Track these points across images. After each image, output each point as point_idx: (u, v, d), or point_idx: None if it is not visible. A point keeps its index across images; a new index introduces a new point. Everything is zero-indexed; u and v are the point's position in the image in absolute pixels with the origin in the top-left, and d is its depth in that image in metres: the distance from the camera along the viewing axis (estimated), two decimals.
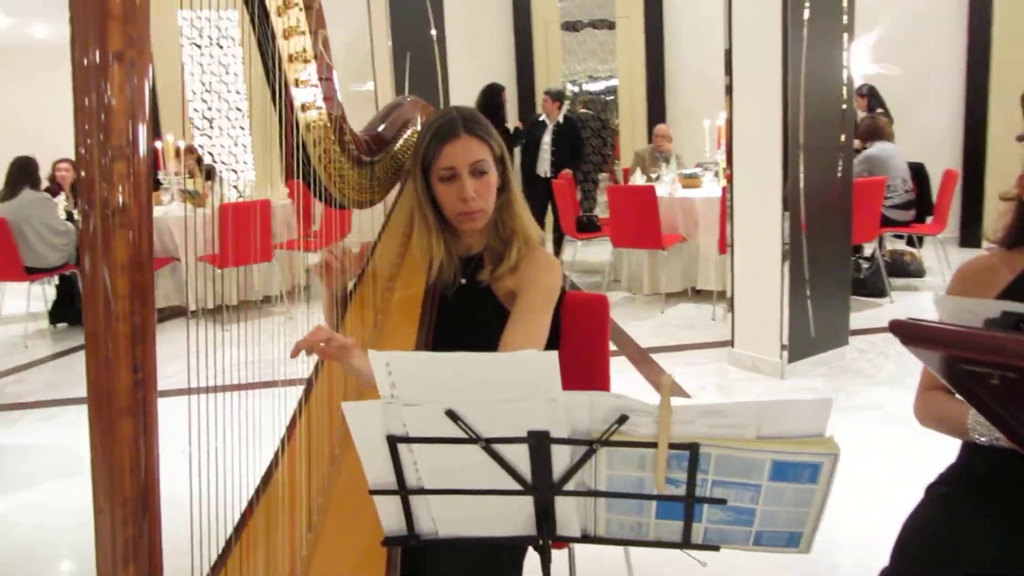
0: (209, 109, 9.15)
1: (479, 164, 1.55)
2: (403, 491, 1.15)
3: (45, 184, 6.53)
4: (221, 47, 9.21)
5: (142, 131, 1.03)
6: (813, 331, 4.18)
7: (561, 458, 1.09)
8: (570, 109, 9.08)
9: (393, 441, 1.10)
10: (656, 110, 8.67)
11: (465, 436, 1.07)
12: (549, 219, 7.21)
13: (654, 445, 1.05)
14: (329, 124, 1.47)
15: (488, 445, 1.08)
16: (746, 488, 1.08)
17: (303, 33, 1.36)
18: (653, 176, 6.72)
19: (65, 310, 6.08)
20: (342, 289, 1.70)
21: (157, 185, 7.03)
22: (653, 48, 8.62)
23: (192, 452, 1.37)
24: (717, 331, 4.97)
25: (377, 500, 1.17)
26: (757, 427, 1.03)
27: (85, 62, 1.00)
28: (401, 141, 1.72)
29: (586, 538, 1.18)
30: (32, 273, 5.53)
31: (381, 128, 1.68)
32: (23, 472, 3.38)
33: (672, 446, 1.05)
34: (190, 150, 7.39)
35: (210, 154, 8.68)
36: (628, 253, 6.22)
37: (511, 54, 9.02)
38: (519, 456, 1.09)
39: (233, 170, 8.88)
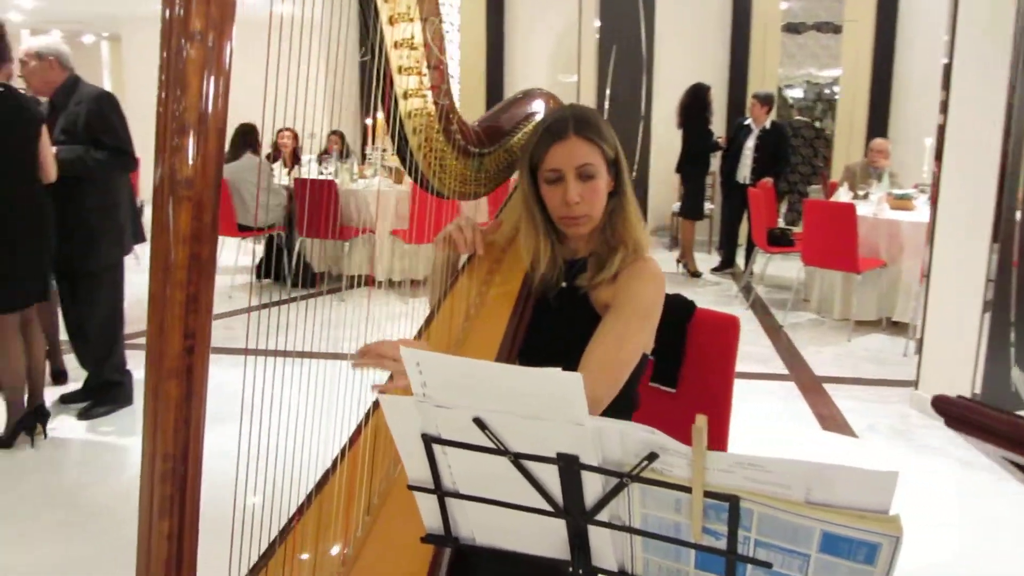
0: None
1: (585, 168, 1.48)
2: (439, 491, 1.13)
3: (267, 150, 7.11)
4: None
5: (216, 107, 1.06)
6: (1015, 384, 3.71)
7: (593, 486, 1.02)
8: (783, 115, 8.64)
9: (427, 440, 1.07)
10: (877, 123, 8.05)
11: (493, 447, 1.02)
12: (744, 228, 6.91)
13: (689, 490, 0.95)
14: (433, 113, 1.46)
15: (517, 460, 1.03)
16: (794, 555, 0.96)
17: (411, 20, 1.36)
18: (861, 193, 6.25)
19: (269, 267, 6.60)
20: (454, 264, 1.70)
21: (364, 159, 7.44)
22: (881, 55, 8.01)
23: (296, 415, 1.43)
24: (906, 369, 4.55)
25: (416, 496, 1.16)
26: (806, 490, 0.90)
27: (172, 42, 1.04)
28: (520, 134, 1.68)
29: (623, 575, 1.10)
30: (243, 230, 6.04)
31: (499, 120, 1.65)
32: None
33: (709, 494, 0.95)
34: None
35: None
36: (822, 273, 5.83)
37: (725, 54, 8.70)
38: (549, 476, 1.03)
39: None
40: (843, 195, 6.14)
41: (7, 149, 3.03)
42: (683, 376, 2.03)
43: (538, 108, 1.73)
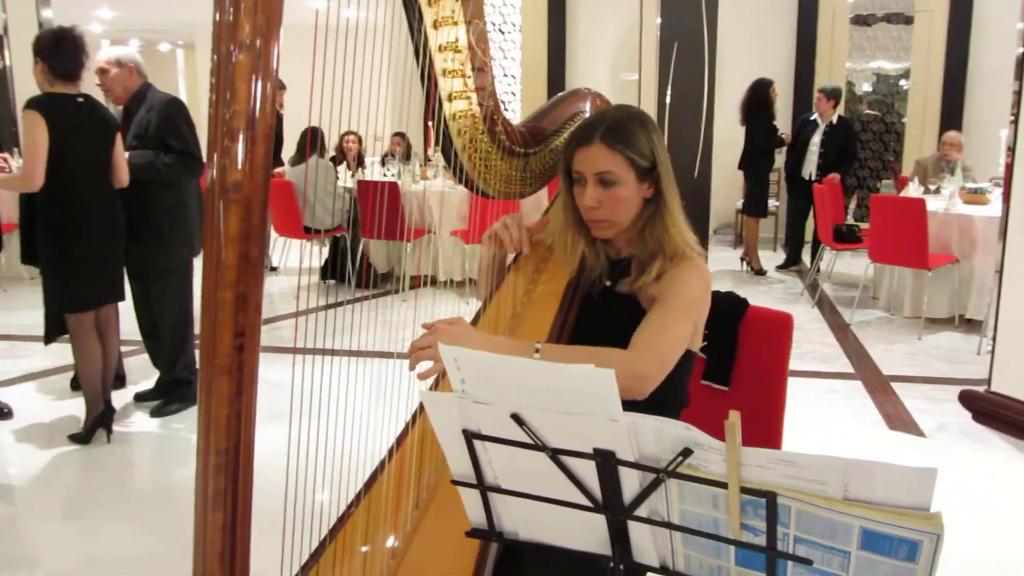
0: None
1: (605, 175, 1.48)
2: (481, 486, 1.15)
3: (331, 153, 7.25)
4: (503, 32, 9.62)
5: (264, 114, 1.10)
6: None
7: (630, 482, 1.03)
8: (852, 109, 8.43)
9: (468, 436, 1.09)
10: (950, 115, 7.79)
11: (531, 442, 1.04)
12: (811, 225, 6.76)
13: (725, 486, 0.95)
14: (478, 114, 1.48)
15: (555, 456, 1.04)
16: (834, 552, 0.95)
17: (455, 23, 1.38)
18: (932, 187, 6.06)
19: (334, 269, 6.72)
20: (501, 261, 1.71)
21: (426, 160, 7.53)
22: (955, 46, 7.74)
23: (355, 413, 1.47)
24: (979, 368, 4.40)
25: (461, 491, 1.18)
26: (844, 487, 0.90)
27: (221, 47, 1.08)
28: (565, 134, 1.69)
29: (664, 570, 1.10)
30: (308, 232, 6.17)
31: (543, 120, 1.66)
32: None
33: (746, 491, 0.94)
34: None
35: None
36: (892, 270, 5.68)
37: (791, 48, 8.53)
38: (587, 472, 1.04)
39: None
40: (914, 190, 5.97)
41: (86, 155, 3.17)
42: (736, 374, 2.01)
43: (584, 108, 1.74)
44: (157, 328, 3.68)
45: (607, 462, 1.01)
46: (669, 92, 7.00)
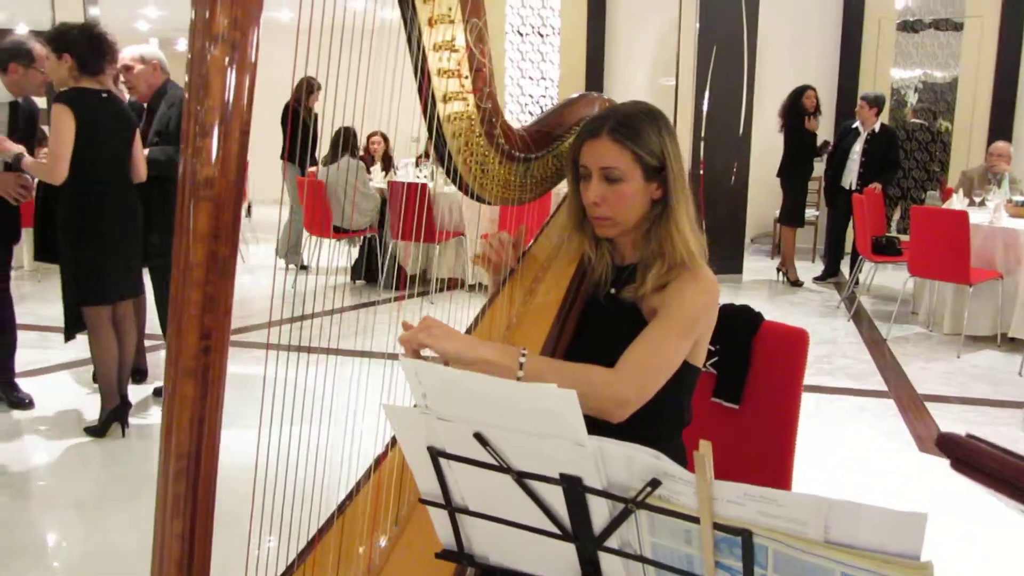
0: (522, 94, 9.57)
1: (610, 171, 1.41)
2: (449, 507, 1.09)
3: (360, 153, 7.25)
4: (542, 36, 9.56)
5: (240, 109, 1.05)
6: None
7: (600, 509, 0.96)
8: (897, 118, 8.23)
9: (433, 453, 1.04)
10: (1000, 126, 7.57)
11: (495, 463, 0.98)
12: (851, 235, 6.60)
13: (698, 520, 0.89)
14: (475, 117, 1.42)
15: (520, 479, 0.98)
16: None
17: (451, 22, 1.32)
18: (977, 200, 5.87)
19: (364, 269, 6.72)
20: (504, 278, 1.66)
21: (418, 160, 7.48)
22: (1007, 54, 7.51)
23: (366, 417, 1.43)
24: (1020, 389, 4.24)
25: (430, 510, 1.12)
26: (824, 528, 0.82)
27: (196, 43, 1.04)
28: (571, 139, 1.63)
29: None
30: (338, 232, 6.17)
31: (548, 124, 1.60)
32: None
33: (719, 527, 0.87)
34: None
35: None
36: (932, 285, 5.50)
37: (834, 53, 8.35)
38: (555, 497, 0.98)
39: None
40: (958, 202, 5.78)
41: (107, 151, 3.19)
42: (747, 392, 1.92)
43: (591, 112, 1.68)
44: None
45: (574, 488, 0.95)
46: (707, 97, 6.89)
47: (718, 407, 1.95)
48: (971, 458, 0.58)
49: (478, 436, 0.97)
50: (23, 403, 3.69)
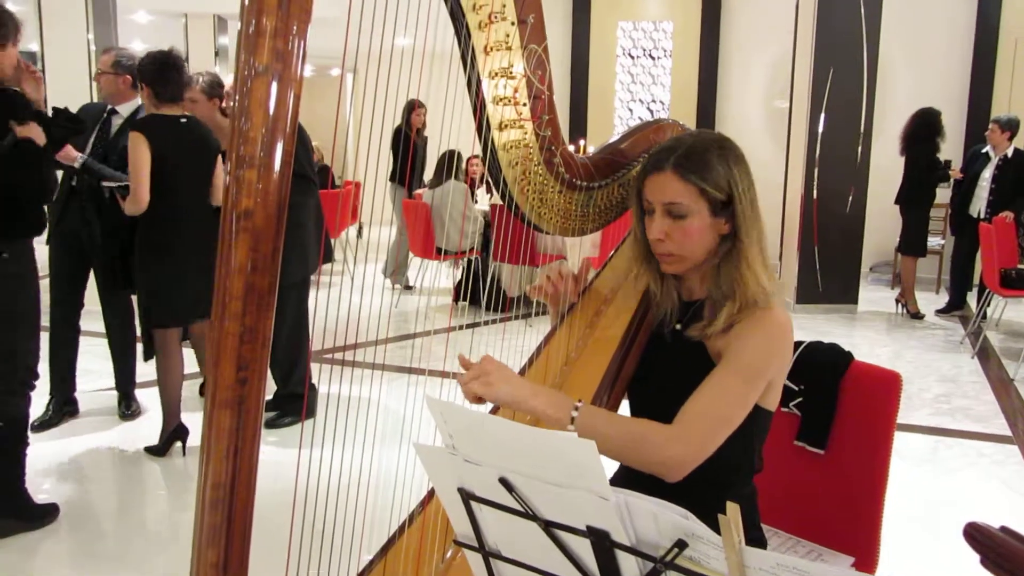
0: (631, 116, 9.48)
1: (674, 206, 1.34)
2: (483, 550, 1.05)
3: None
4: (653, 58, 9.46)
5: (280, 143, 1.05)
6: None
7: (630, 567, 0.90)
8: None
9: (464, 495, 1.00)
10: None
11: (522, 510, 0.93)
12: (979, 266, 6.18)
13: None
14: (532, 145, 1.38)
15: (548, 528, 0.93)
16: None
17: (508, 49, 1.29)
18: None
19: (467, 291, 6.77)
20: (566, 310, 1.62)
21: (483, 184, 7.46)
22: None
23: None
24: None
25: (466, 553, 1.09)
26: None
27: (244, 71, 1.05)
28: (638, 168, 1.56)
29: None
30: (439, 253, 6.25)
31: (614, 152, 1.54)
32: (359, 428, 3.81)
33: None
34: None
35: None
36: None
37: (964, 74, 7.89)
38: (584, 550, 0.93)
39: None
40: None
41: (189, 174, 3.29)
42: (834, 436, 1.80)
43: (660, 139, 1.61)
44: (273, 342, 3.77)
45: (602, 543, 0.89)
46: (822, 119, 6.62)
47: (802, 451, 1.83)
48: (1004, 560, 0.49)
49: (503, 481, 0.92)
50: (133, 413, 3.87)
